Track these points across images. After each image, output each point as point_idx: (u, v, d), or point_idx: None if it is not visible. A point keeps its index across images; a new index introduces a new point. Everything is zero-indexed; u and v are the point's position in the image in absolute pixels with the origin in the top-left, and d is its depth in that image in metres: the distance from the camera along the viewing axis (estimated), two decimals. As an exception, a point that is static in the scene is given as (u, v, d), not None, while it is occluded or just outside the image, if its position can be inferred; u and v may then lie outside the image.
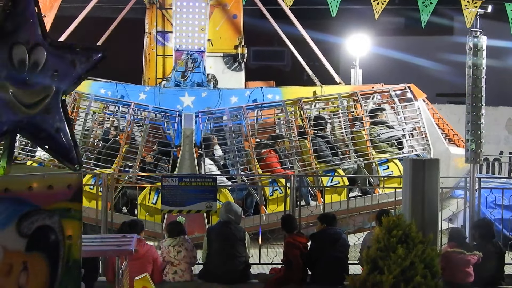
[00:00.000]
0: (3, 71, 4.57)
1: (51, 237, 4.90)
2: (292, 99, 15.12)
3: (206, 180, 11.81)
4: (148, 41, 17.77)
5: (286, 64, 31.02)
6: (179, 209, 11.66)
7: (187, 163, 13.78)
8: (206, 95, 15.53)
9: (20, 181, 4.77)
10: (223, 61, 17.64)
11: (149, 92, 15.44)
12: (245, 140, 14.51)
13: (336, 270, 10.54)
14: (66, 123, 4.97)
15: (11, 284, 4.70)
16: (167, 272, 10.76)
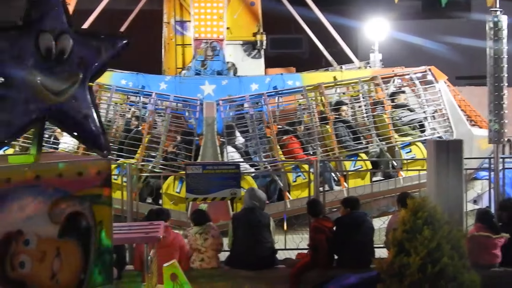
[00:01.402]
0: (30, 60, 4.61)
1: (83, 223, 4.94)
2: (313, 85, 15.10)
3: (230, 167, 11.84)
4: (167, 31, 17.82)
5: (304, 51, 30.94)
6: (203, 197, 11.69)
7: (210, 151, 13.81)
8: (226, 83, 15.55)
9: (50, 168, 4.82)
10: (242, 49, 17.67)
11: (169, 81, 15.48)
12: (267, 127, 14.52)
13: (362, 253, 10.53)
14: (93, 109, 5.00)
15: (45, 270, 4.76)
16: (194, 260, 10.80)
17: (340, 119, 14.64)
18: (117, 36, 5.15)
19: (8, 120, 4.55)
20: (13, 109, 4.57)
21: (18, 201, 4.63)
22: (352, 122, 15.03)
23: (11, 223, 4.59)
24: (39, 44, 4.64)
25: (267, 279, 10.80)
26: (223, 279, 10.84)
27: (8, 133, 4.59)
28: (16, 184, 4.62)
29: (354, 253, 10.59)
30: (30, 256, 4.69)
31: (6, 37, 4.53)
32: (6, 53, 4.51)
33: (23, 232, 4.65)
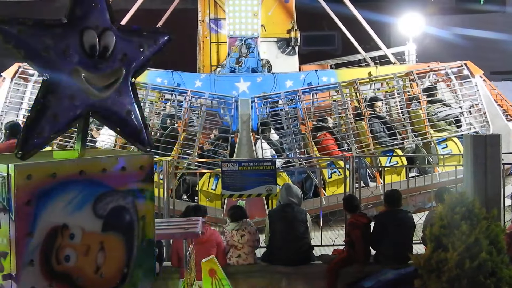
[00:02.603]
0: (75, 56, 4.67)
1: (126, 218, 5.00)
2: (348, 81, 15.08)
3: (266, 164, 11.86)
4: (201, 29, 17.91)
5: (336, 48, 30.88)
6: (239, 193, 11.73)
7: (245, 148, 13.87)
8: (261, 80, 15.59)
9: (94, 164, 4.88)
10: (277, 46, 17.69)
11: (204, 79, 15.57)
12: (302, 123, 14.54)
13: (399, 249, 10.49)
14: (136, 105, 5.06)
15: (90, 264, 4.82)
16: (231, 256, 10.85)
17: (375, 115, 14.61)
18: (159, 32, 5.19)
19: (54, 116, 4.62)
20: (59, 105, 4.64)
21: (63, 196, 4.69)
22: (387, 118, 14.99)
23: (56, 217, 4.66)
24: (83, 41, 4.70)
25: (304, 275, 10.82)
26: (260, 275, 10.87)
27: (53, 129, 4.65)
28: (61, 179, 4.68)
29: (392, 249, 10.57)
30: (75, 250, 4.75)
31: (51, 35, 4.59)
32: (51, 50, 4.57)
33: (68, 226, 4.71)
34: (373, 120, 14.43)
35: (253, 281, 10.76)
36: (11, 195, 4.51)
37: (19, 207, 4.51)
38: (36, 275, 4.58)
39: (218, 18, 17.66)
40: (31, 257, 4.55)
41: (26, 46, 4.53)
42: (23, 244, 4.52)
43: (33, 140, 4.59)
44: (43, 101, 4.62)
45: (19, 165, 4.52)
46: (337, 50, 30.71)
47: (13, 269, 4.52)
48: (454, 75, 15.09)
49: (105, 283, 4.91)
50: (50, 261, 4.64)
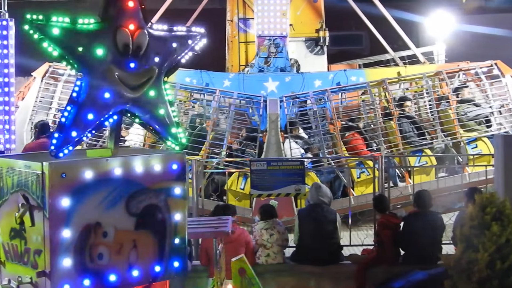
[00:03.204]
0: (109, 56, 4.72)
1: (158, 216, 5.03)
2: (376, 81, 15.03)
3: (294, 163, 11.85)
4: (230, 29, 17.94)
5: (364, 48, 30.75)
6: (268, 193, 11.73)
7: (274, 148, 13.85)
8: (289, 79, 15.59)
9: (127, 162, 4.91)
10: (305, 45, 17.67)
11: (233, 78, 15.59)
12: (330, 123, 14.51)
13: (429, 250, 10.44)
14: (168, 104, 5.08)
15: (122, 262, 4.86)
16: (260, 255, 10.85)
17: (404, 114, 14.54)
18: (191, 32, 5.22)
19: (88, 114, 4.66)
20: (93, 104, 4.68)
21: (96, 194, 4.73)
22: (416, 117, 14.91)
23: (90, 215, 4.70)
24: (117, 40, 4.74)
25: (333, 275, 10.79)
26: (289, 275, 10.86)
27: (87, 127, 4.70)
28: (94, 177, 4.72)
29: (421, 249, 10.51)
30: (108, 248, 4.79)
31: (85, 34, 4.64)
32: (86, 49, 4.62)
33: (102, 224, 4.75)
34: (402, 119, 14.36)
35: (281, 281, 10.75)
36: (45, 193, 4.56)
37: (53, 205, 4.55)
38: (70, 272, 4.63)
39: (246, 17, 17.68)
40: (65, 255, 4.60)
41: (61, 45, 4.58)
42: (57, 241, 4.57)
43: (67, 138, 4.63)
44: (77, 99, 4.66)
45: (53, 163, 4.57)
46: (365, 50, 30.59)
47: (47, 266, 4.57)
48: (484, 74, 14.97)
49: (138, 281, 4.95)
50: (84, 259, 4.69)
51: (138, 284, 4.97)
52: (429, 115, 14.89)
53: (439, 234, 10.75)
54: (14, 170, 4.79)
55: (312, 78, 15.66)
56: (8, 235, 4.88)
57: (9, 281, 4.86)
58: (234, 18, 17.81)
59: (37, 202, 4.60)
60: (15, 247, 4.83)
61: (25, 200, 4.69)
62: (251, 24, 17.38)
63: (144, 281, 4.99)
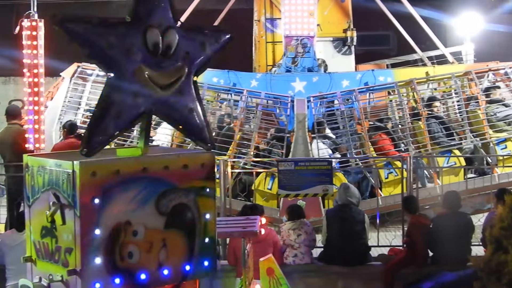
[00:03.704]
0: (138, 55, 4.72)
1: (188, 215, 5.03)
2: (405, 81, 14.95)
3: (322, 163, 11.84)
4: (257, 29, 17.97)
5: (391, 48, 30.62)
6: (295, 193, 11.72)
7: (301, 148, 13.84)
8: (317, 79, 15.58)
9: (157, 161, 4.92)
10: (333, 45, 17.65)
11: (260, 79, 15.62)
12: (358, 123, 14.46)
13: (458, 251, 10.38)
14: (198, 103, 5.08)
15: (152, 260, 4.86)
16: (287, 255, 10.84)
17: (433, 115, 14.45)
18: (220, 31, 5.22)
19: (118, 113, 4.66)
20: (122, 103, 4.68)
21: (126, 193, 4.74)
22: (445, 118, 14.81)
23: (120, 214, 4.71)
24: (147, 40, 4.75)
25: (361, 275, 10.77)
26: (317, 275, 10.85)
27: (117, 127, 4.70)
28: (124, 176, 4.73)
29: (451, 251, 10.44)
30: (138, 247, 4.79)
31: (115, 33, 4.64)
32: (115, 48, 4.62)
33: (131, 223, 4.76)
34: (430, 120, 14.26)
35: (309, 281, 10.75)
36: (76, 192, 4.58)
37: (83, 203, 4.57)
38: (100, 271, 4.64)
39: (274, 17, 17.71)
40: (96, 253, 4.61)
41: (91, 45, 4.59)
42: (87, 240, 4.59)
43: (97, 137, 4.64)
44: (107, 99, 4.67)
45: (84, 162, 4.59)
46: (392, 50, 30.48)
47: (77, 265, 4.59)
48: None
49: (168, 280, 4.95)
50: (114, 258, 4.69)
51: (168, 283, 4.97)
52: (458, 115, 14.78)
53: (468, 235, 10.69)
54: (45, 169, 4.82)
55: (339, 78, 15.64)
56: (39, 233, 4.90)
57: (40, 279, 4.88)
58: (261, 18, 17.83)
59: (68, 201, 4.62)
60: (46, 245, 4.86)
61: (56, 199, 4.71)
62: (278, 24, 17.39)
63: (173, 280, 4.99)
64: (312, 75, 15.80)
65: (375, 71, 15.91)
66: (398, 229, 12.32)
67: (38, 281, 4.89)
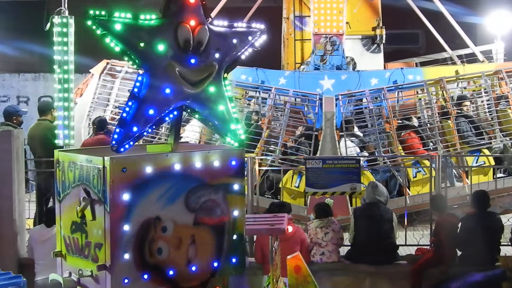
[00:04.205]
0: (170, 51, 4.74)
1: (217, 212, 5.04)
2: (434, 79, 14.86)
3: (350, 162, 11.78)
4: (286, 26, 17.96)
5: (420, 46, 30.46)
6: (323, 191, 11.68)
7: (329, 146, 13.79)
8: (345, 77, 15.53)
9: (187, 158, 4.93)
10: (362, 43, 17.58)
11: (289, 76, 15.59)
12: (386, 122, 14.39)
13: (487, 251, 10.29)
14: (228, 100, 5.09)
15: (181, 257, 4.87)
16: (315, 253, 10.81)
17: (462, 113, 14.34)
18: (251, 28, 5.22)
19: (149, 109, 4.68)
20: (153, 99, 4.70)
21: (156, 189, 4.76)
22: (474, 117, 14.69)
23: (149, 210, 4.73)
24: (178, 36, 4.76)
25: (388, 274, 10.71)
26: (344, 274, 10.82)
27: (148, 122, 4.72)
28: (154, 172, 4.75)
29: (479, 251, 10.36)
30: (167, 243, 4.81)
31: (147, 30, 4.67)
32: (147, 44, 4.65)
33: (161, 219, 4.77)
34: (460, 119, 14.16)
35: (336, 279, 10.71)
36: (106, 187, 4.60)
37: (114, 199, 4.59)
38: (130, 266, 4.66)
39: (302, 15, 17.69)
40: (125, 249, 4.63)
41: (123, 41, 4.62)
42: (117, 235, 4.61)
43: (128, 133, 4.66)
44: (138, 95, 4.69)
45: (115, 158, 4.61)
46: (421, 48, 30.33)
47: (107, 260, 4.61)
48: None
49: (196, 276, 4.96)
50: (143, 253, 4.71)
51: (197, 280, 4.98)
52: (488, 114, 14.65)
53: (497, 235, 10.59)
54: (76, 165, 4.85)
55: (368, 76, 15.58)
56: (70, 229, 4.94)
57: (69, 274, 4.92)
58: (290, 16, 17.82)
59: (98, 196, 4.64)
60: (76, 240, 4.89)
61: (86, 194, 4.74)
62: (307, 21, 17.37)
63: (202, 277, 5.00)
64: (340, 73, 15.76)
65: (404, 69, 15.82)
66: (426, 229, 12.23)
67: (68, 276, 4.92)
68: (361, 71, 15.84)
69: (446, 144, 14.13)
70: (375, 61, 17.63)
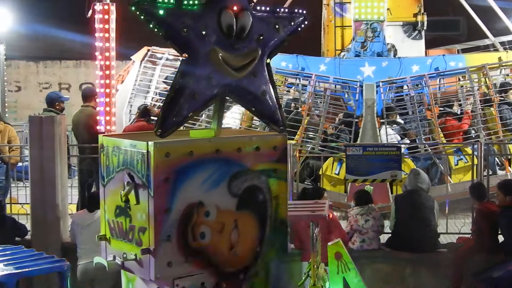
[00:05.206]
0: (213, 36, 4.74)
1: (259, 197, 5.05)
2: (476, 66, 14.69)
3: (391, 149, 11.71)
4: (326, 13, 17.89)
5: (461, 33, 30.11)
6: (363, 178, 11.62)
7: (369, 133, 13.72)
8: (386, 64, 15.41)
9: (230, 143, 4.95)
10: (403, 30, 17.44)
11: (329, 63, 15.53)
12: (427, 109, 14.27)
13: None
14: (271, 85, 5.09)
15: (224, 242, 4.90)
16: (355, 241, 10.78)
17: (505, 101, 14.16)
18: (294, 13, 5.20)
19: (192, 95, 4.70)
20: (197, 85, 4.72)
21: (199, 174, 4.78)
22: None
23: (192, 194, 4.75)
24: (221, 21, 4.76)
25: (429, 262, 10.65)
26: (384, 261, 10.78)
27: (191, 108, 4.74)
28: (197, 157, 4.77)
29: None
30: (210, 227, 4.84)
31: (190, 15, 4.68)
32: (190, 30, 4.65)
33: (204, 203, 4.80)
34: (502, 106, 13.98)
35: (377, 267, 10.68)
36: (150, 172, 4.63)
37: (157, 183, 4.62)
38: (173, 250, 4.69)
39: (343, 2, 17.60)
40: (169, 233, 4.66)
41: (167, 26, 4.63)
42: (161, 220, 4.64)
43: (171, 118, 4.69)
44: (182, 80, 4.71)
45: (158, 143, 4.64)
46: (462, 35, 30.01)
47: (151, 244, 4.65)
48: None
49: (239, 261, 4.99)
50: (186, 237, 4.74)
51: (239, 264, 5.00)
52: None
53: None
54: (120, 149, 4.89)
55: (409, 63, 15.45)
56: (114, 213, 4.98)
57: (114, 257, 4.97)
58: (331, 3, 17.74)
59: (142, 181, 4.68)
60: (120, 224, 4.93)
61: (130, 179, 4.77)
62: (348, 8, 17.27)
63: (244, 261, 5.02)
64: (381, 59, 15.66)
65: (446, 56, 15.66)
66: (468, 217, 12.12)
67: (112, 259, 4.97)
68: (402, 58, 15.71)
69: (488, 132, 13.97)
70: (416, 48, 17.48)
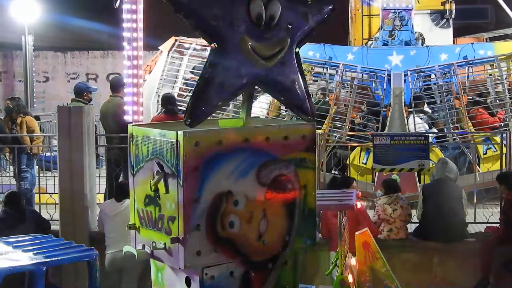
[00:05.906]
0: (242, 26, 4.72)
1: (288, 186, 5.03)
2: (506, 54, 14.57)
3: (418, 138, 11.67)
4: (353, 2, 17.82)
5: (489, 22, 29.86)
6: (391, 167, 11.60)
7: (397, 122, 13.68)
8: (414, 53, 15.34)
9: (258, 132, 4.94)
10: (430, 18, 17.33)
11: (356, 52, 15.48)
12: (456, 98, 14.18)
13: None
14: (300, 75, 5.07)
15: (253, 231, 4.89)
16: (382, 230, 10.78)
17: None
18: (323, 2, 5.17)
19: (221, 84, 4.70)
20: (226, 74, 4.71)
21: (228, 163, 4.78)
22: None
23: (221, 183, 4.75)
24: (250, 10, 4.74)
25: (457, 252, 10.63)
26: (412, 250, 10.78)
27: (220, 97, 4.74)
28: (226, 147, 4.77)
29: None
30: (239, 217, 4.83)
31: (220, 4, 4.66)
32: (219, 19, 4.64)
33: (233, 193, 4.79)
34: (532, 95, 13.87)
35: (404, 256, 10.68)
36: (179, 161, 4.63)
37: (187, 173, 4.62)
38: (202, 239, 4.70)
39: (370, -10, 17.55)
40: (198, 222, 4.67)
41: (196, 16, 4.62)
42: (190, 208, 4.65)
43: (201, 107, 4.68)
44: (211, 69, 4.70)
45: (188, 132, 4.64)
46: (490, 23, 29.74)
47: (180, 233, 4.66)
48: None
49: (267, 250, 4.98)
50: (215, 227, 4.74)
51: (268, 254, 5.00)
52: None
53: None
54: (149, 139, 4.91)
55: (437, 51, 15.35)
56: (143, 202, 5.00)
57: (143, 246, 4.99)
58: (358, -9, 17.67)
59: (172, 170, 4.68)
60: (149, 213, 4.95)
61: (160, 168, 4.78)
62: (376, -4, 17.20)
63: (273, 251, 5.02)
64: (409, 48, 15.58)
65: (475, 44, 15.54)
66: (496, 206, 12.07)
67: (142, 248, 4.99)
68: (430, 47, 15.62)
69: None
70: (444, 36, 17.35)
